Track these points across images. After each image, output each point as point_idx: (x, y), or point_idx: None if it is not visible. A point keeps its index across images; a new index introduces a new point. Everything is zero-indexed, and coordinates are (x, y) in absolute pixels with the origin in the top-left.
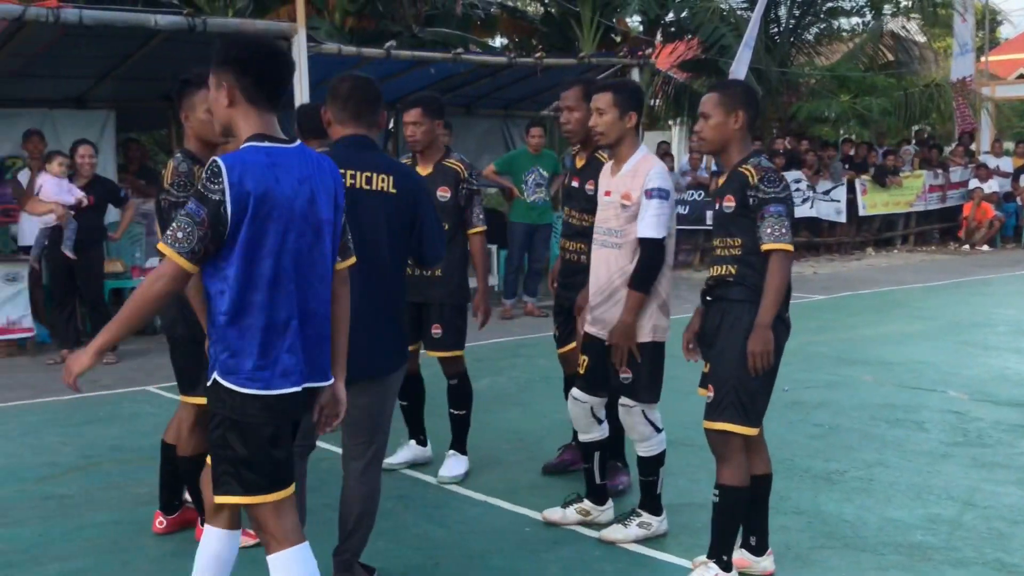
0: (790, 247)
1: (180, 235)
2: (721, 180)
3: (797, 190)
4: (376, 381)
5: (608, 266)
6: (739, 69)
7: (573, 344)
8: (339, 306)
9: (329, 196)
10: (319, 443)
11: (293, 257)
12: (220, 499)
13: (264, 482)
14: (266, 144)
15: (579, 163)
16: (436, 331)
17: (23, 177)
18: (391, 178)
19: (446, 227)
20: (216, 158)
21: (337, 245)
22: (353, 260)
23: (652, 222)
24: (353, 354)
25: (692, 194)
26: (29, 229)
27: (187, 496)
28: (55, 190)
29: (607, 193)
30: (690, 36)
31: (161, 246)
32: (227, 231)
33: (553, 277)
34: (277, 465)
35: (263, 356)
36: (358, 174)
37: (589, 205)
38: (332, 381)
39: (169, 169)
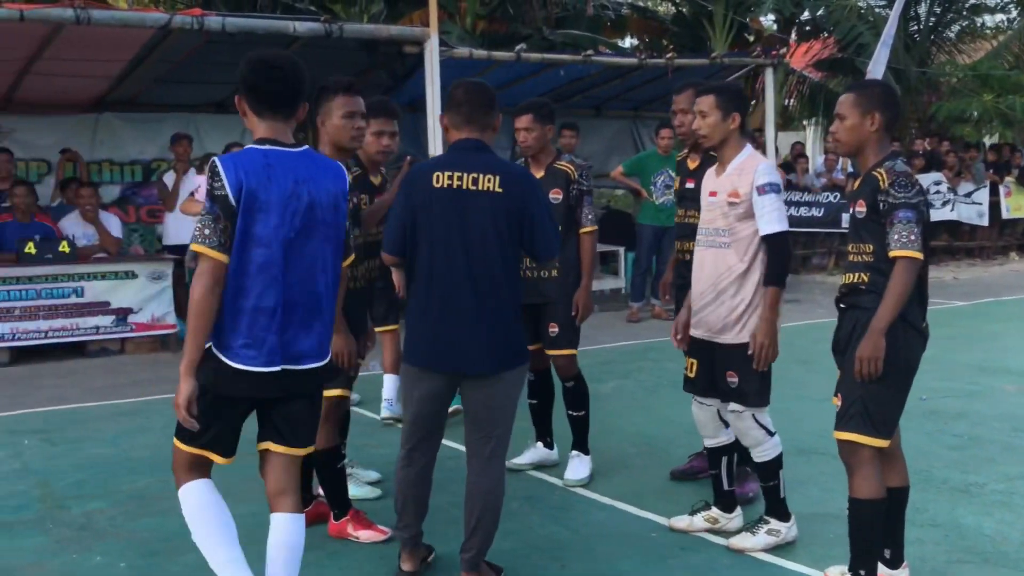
0: (918, 254)
1: (207, 231)
2: (856, 183)
3: (937, 192)
4: (492, 377)
5: (716, 266)
6: (877, 68)
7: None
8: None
9: (329, 199)
10: (446, 441)
11: (283, 250)
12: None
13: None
14: (266, 147)
15: (693, 164)
16: (552, 329)
17: (168, 179)
18: (497, 178)
19: (559, 228)
20: (214, 158)
21: (340, 245)
22: (351, 259)
23: (773, 216)
24: (466, 350)
25: (827, 196)
26: (174, 229)
27: (319, 490)
28: None
29: (712, 194)
30: (826, 34)
31: (194, 246)
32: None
33: (667, 284)
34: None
35: (249, 335)
36: (464, 175)
37: None
38: (307, 367)
39: None
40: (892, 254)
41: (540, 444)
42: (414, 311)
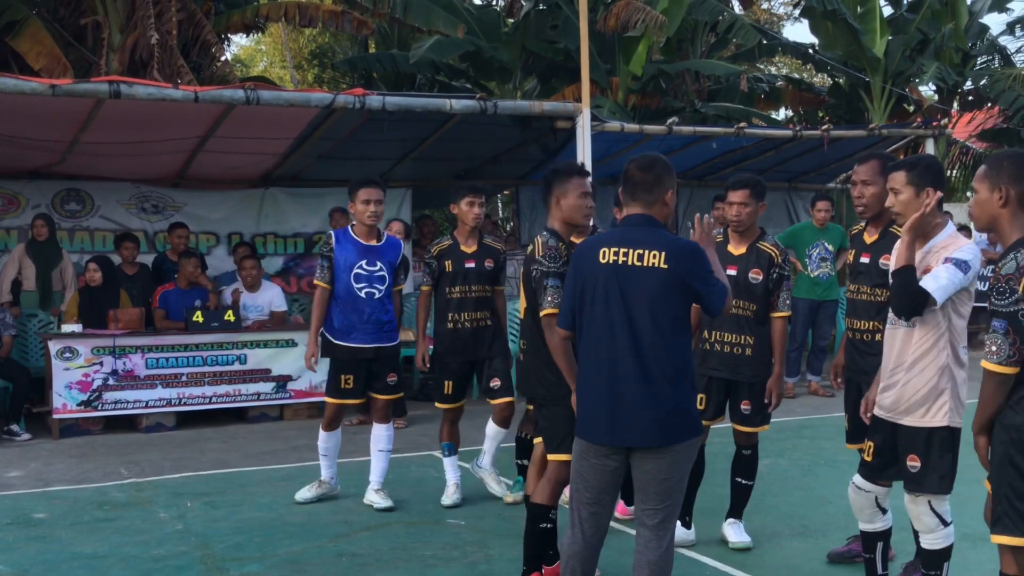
0: (997, 369)
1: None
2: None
3: None
4: (662, 450)
5: (904, 345)
6: None
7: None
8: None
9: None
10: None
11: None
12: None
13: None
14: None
15: (870, 239)
16: (746, 407)
17: None
18: (663, 254)
19: (754, 308)
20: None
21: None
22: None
23: (934, 281)
24: (634, 423)
25: (989, 270)
26: None
27: None
28: None
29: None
30: (990, 104)
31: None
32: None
33: (838, 366)
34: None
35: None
36: (630, 251)
37: (884, 280)
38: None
39: (538, 244)
40: (982, 363)
41: (678, 522)
42: (582, 384)
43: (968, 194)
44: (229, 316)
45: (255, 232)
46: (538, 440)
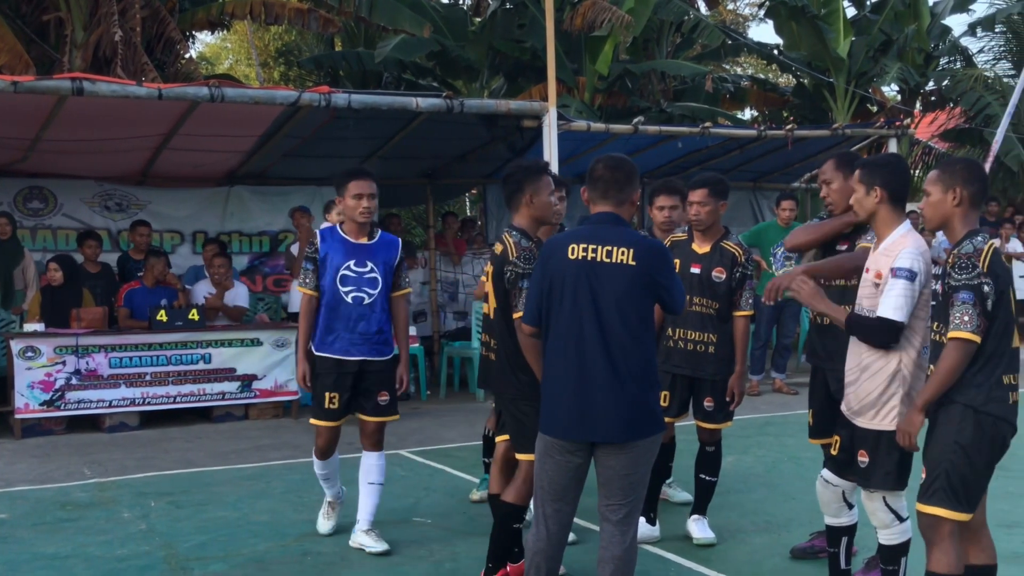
0: (970, 336)
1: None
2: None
3: None
4: (626, 445)
5: (857, 346)
6: (1000, 137)
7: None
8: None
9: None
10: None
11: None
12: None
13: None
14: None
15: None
16: (708, 404)
17: (295, 249)
18: (632, 251)
19: (717, 306)
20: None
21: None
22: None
23: (891, 303)
24: (600, 418)
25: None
26: (297, 297)
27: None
28: None
29: (866, 270)
30: (952, 105)
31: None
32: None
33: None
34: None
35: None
36: (599, 248)
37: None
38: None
39: (511, 245)
40: (949, 335)
41: (643, 519)
42: (548, 381)
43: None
44: (194, 315)
45: (220, 230)
46: (501, 439)
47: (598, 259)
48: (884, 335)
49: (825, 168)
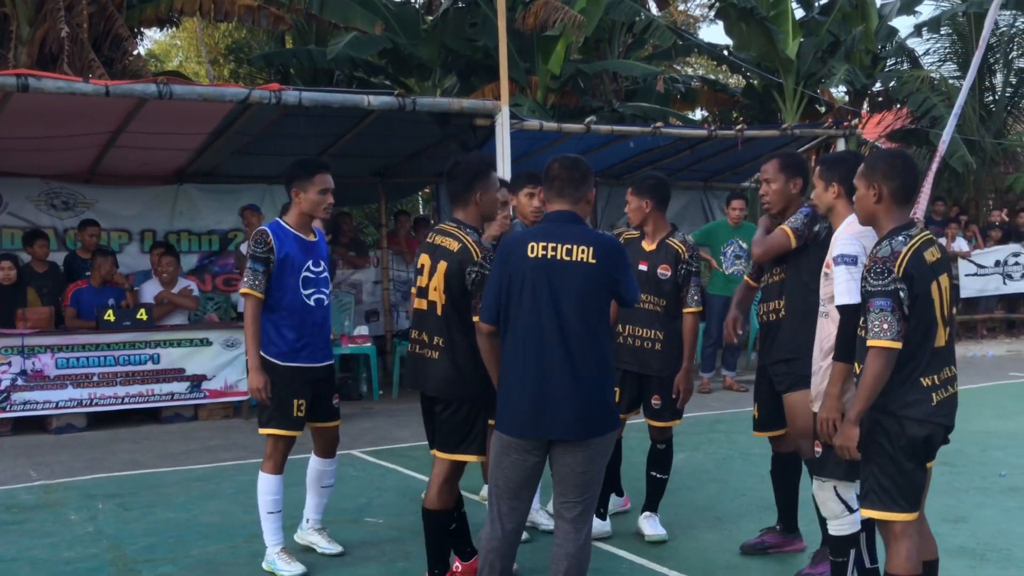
0: (890, 344)
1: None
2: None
3: (1016, 264)
4: (582, 443)
5: (819, 336)
6: (947, 138)
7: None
8: None
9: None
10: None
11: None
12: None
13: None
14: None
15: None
16: (656, 402)
17: (244, 248)
18: (591, 249)
19: (664, 303)
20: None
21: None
22: None
23: (842, 288)
24: (557, 416)
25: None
26: None
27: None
28: None
29: (826, 264)
30: (899, 105)
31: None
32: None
33: (734, 320)
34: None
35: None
36: (559, 246)
37: (787, 262)
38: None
39: (471, 245)
40: (868, 343)
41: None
42: (506, 380)
43: None
44: (142, 315)
45: (168, 229)
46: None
47: (558, 257)
48: (847, 321)
49: (767, 168)
